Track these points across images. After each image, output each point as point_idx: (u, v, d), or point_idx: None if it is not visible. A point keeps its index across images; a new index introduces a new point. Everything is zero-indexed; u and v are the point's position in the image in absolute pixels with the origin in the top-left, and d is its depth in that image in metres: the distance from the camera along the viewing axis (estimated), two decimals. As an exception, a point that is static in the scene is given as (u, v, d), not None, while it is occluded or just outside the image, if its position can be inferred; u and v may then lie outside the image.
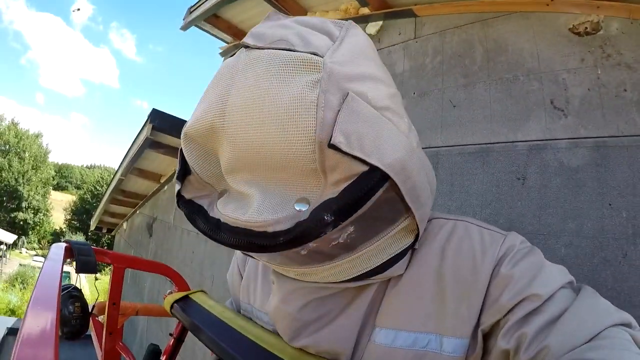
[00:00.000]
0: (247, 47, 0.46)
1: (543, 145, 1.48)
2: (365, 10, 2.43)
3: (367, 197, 0.41)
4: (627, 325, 0.48)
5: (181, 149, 0.50)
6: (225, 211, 0.45)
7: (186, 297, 0.92)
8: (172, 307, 0.91)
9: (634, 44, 1.35)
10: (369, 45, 0.50)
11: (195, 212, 0.49)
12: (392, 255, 0.52)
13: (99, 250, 1.12)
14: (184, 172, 0.50)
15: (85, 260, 1.02)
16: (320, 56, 0.41)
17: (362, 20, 2.46)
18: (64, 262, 0.88)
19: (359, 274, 0.52)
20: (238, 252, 0.84)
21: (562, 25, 1.54)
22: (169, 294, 0.98)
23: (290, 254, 0.48)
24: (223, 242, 0.45)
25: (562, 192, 1.40)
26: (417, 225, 0.51)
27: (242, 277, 0.82)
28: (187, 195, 0.51)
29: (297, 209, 0.41)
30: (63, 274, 0.74)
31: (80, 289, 1.16)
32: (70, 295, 1.11)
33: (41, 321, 0.46)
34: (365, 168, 0.40)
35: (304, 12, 2.85)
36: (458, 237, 0.58)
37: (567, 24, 1.52)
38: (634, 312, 1.12)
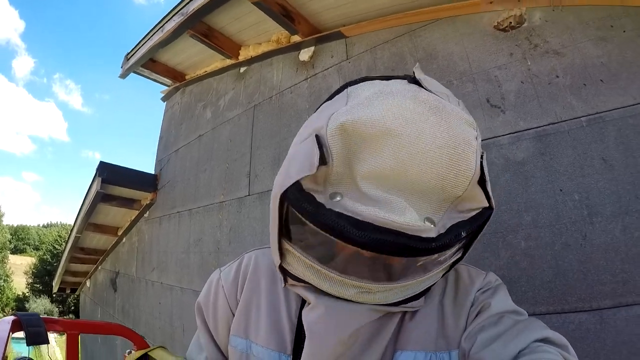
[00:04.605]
0: (415, 82, 0.55)
1: (486, 145, 1.43)
2: (296, 38, 2.38)
3: (483, 224, 0.54)
4: (562, 346, 0.53)
5: (318, 140, 0.50)
6: (369, 212, 0.46)
7: (145, 356, 0.87)
8: (132, 367, 0.81)
9: (559, 29, 1.33)
10: None
11: (312, 206, 0.49)
12: (431, 284, 0.60)
13: (48, 319, 1.07)
14: (322, 160, 0.49)
15: (34, 331, 0.99)
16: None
17: (294, 48, 2.41)
18: (10, 336, 0.87)
19: (403, 298, 0.57)
20: (226, 279, 0.76)
21: (487, 24, 1.52)
22: (128, 353, 0.93)
23: (397, 266, 0.55)
24: (361, 241, 0.46)
25: (512, 187, 1.35)
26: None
27: (230, 309, 0.73)
28: (305, 184, 0.50)
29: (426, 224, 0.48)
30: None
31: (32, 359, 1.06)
32: None
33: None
34: (486, 204, 0.53)
35: (238, 47, 2.79)
36: (452, 278, 0.68)
37: (491, 22, 1.50)
38: (603, 290, 1.10)
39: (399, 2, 1.80)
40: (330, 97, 0.61)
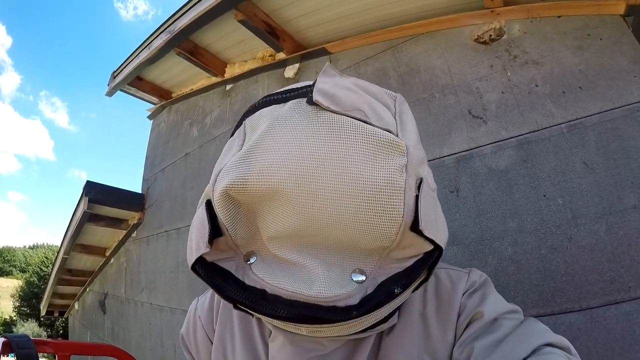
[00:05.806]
0: (313, 103, 0.43)
1: (469, 155, 1.44)
2: (281, 55, 2.39)
3: (433, 264, 0.45)
4: (565, 348, 0.50)
5: (209, 207, 0.45)
6: (277, 282, 0.41)
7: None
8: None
9: (537, 40, 1.36)
10: (413, 118, 0.52)
11: (221, 278, 0.45)
12: (397, 306, 0.51)
13: (39, 341, 1.07)
14: (214, 233, 0.44)
15: (25, 353, 0.98)
16: (394, 134, 0.42)
17: (280, 65, 2.42)
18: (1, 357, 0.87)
19: (368, 326, 0.48)
20: (202, 308, 0.73)
21: (467, 37, 1.54)
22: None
23: None
24: (271, 314, 0.41)
25: (496, 195, 1.36)
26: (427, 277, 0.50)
27: (209, 338, 0.70)
28: (209, 258, 0.46)
29: (354, 279, 0.41)
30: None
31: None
32: None
33: None
34: (430, 247, 0.43)
35: (223, 65, 2.78)
36: (432, 284, 0.62)
37: (471, 36, 1.53)
38: (591, 289, 1.10)
39: (381, 19, 1.82)
40: (233, 132, 0.53)
